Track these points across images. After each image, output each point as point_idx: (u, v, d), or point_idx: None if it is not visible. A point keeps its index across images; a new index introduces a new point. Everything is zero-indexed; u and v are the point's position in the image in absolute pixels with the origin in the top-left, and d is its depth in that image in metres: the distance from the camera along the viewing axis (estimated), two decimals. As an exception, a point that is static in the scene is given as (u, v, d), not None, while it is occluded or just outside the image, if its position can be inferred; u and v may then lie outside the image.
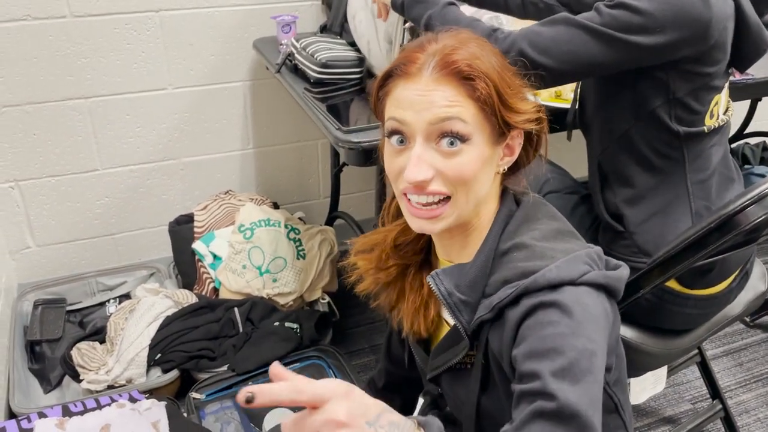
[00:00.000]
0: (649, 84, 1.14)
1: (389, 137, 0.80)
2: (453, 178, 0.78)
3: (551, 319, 0.71)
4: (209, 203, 2.00)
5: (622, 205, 1.24)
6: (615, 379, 0.84)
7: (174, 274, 2.06)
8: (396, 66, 0.80)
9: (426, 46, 0.79)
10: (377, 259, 0.94)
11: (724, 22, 1.10)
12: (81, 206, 2.00)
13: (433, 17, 1.23)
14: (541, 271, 0.74)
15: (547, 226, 0.83)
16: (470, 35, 0.82)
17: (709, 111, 1.18)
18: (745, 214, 1.01)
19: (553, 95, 1.47)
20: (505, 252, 0.81)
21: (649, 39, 1.06)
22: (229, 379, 1.65)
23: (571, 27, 1.09)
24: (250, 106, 2.06)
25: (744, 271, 1.31)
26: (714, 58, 1.12)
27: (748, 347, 2.02)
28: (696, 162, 1.20)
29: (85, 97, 1.87)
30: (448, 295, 0.83)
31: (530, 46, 1.10)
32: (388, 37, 1.46)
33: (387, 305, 0.97)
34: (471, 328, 0.81)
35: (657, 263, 1.12)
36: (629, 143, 1.21)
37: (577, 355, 0.69)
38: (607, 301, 0.77)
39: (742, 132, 2.64)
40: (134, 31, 1.84)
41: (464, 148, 0.77)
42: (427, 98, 0.76)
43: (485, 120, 0.78)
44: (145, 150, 2.00)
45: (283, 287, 1.87)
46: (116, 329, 1.73)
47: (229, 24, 1.92)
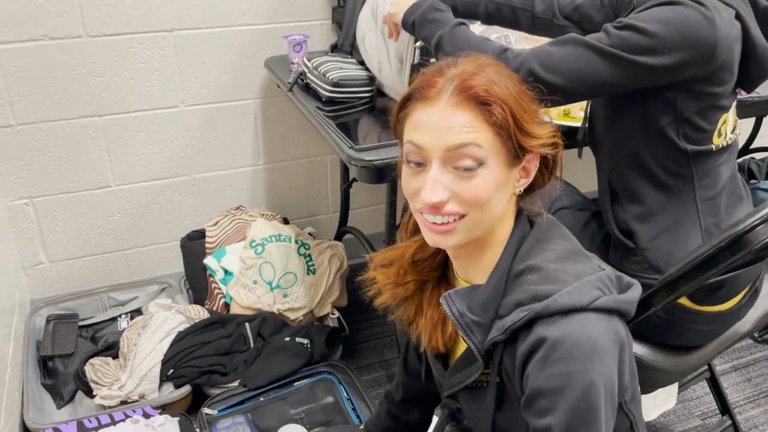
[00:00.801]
0: (657, 103, 1.16)
1: (407, 162, 0.83)
2: (468, 200, 0.80)
3: (558, 357, 0.74)
4: (220, 219, 2.02)
5: (632, 221, 1.26)
6: (630, 397, 0.85)
7: (185, 289, 2.07)
8: (415, 89, 0.82)
9: (445, 70, 0.81)
10: (395, 274, 0.96)
11: (731, 44, 1.12)
12: (94, 222, 2.02)
13: (444, 37, 1.25)
14: (553, 297, 0.76)
15: (559, 247, 0.84)
16: (489, 60, 0.84)
17: (717, 130, 1.20)
18: (755, 234, 1.03)
19: (561, 113, 1.49)
20: (518, 274, 0.83)
21: (657, 60, 1.08)
22: (241, 394, 1.66)
23: (579, 47, 1.12)
24: (261, 122, 2.09)
25: (753, 288, 1.32)
26: (721, 79, 1.14)
27: (756, 362, 2.02)
28: (705, 180, 1.22)
29: (99, 115, 1.89)
30: (460, 316, 0.84)
31: (540, 65, 1.12)
32: (399, 56, 1.48)
33: (405, 320, 0.99)
34: (484, 348, 0.83)
35: (668, 281, 1.14)
36: (638, 160, 1.22)
37: (584, 393, 0.72)
38: (619, 322, 0.79)
39: (748, 147, 2.66)
40: (148, 51, 1.87)
41: (480, 171, 0.79)
42: (445, 123, 0.78)
43: (501, 144, 0.80)
44: (158, 167, 2.02)
45: (294, 302, 1.89)
46: (129, 345, 1.75)
47: (241, 43, 1.95)
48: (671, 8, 1.09)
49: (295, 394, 1.67)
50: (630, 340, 0.84)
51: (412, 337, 0.99)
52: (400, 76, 1.49)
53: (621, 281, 0.87)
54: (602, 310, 0.77)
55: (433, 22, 1.28)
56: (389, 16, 1.41)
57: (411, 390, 1.18)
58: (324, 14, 2.00)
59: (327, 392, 1.68)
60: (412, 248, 0.95)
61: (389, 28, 1.44)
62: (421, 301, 0.96)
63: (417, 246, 0.95)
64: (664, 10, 1.09)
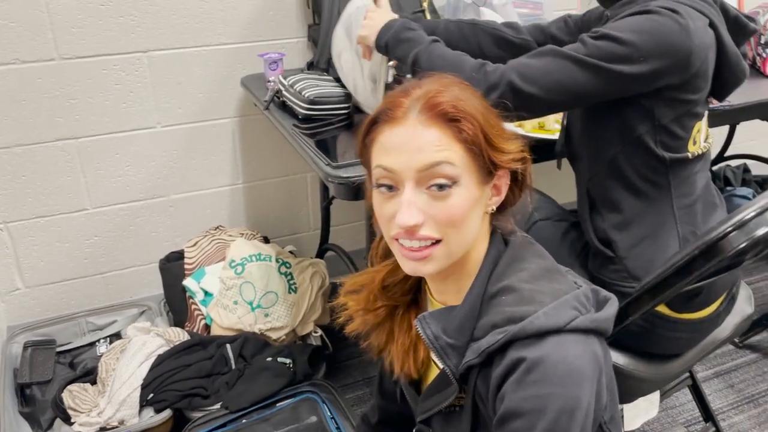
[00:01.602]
0: (634, 111, 1.17)
1: (378, 187, 0.81)
2: (443, 221, 0.79)
3: (533, 379, 0.73)
4: (199, 239, 2.00)
5: (610, 230, 1.26)
6: (610, 417, 0.85)
7: (165, 311, 2.05)
8: (381, 112, 0.81)
9: (410, 91, 0.81)
10: (365, 300, 0.94)
11: (705, 51, 1.14)
12: (70, 246, 2.00)
13: (420, 55, 1.25)
14: (528, 319, 0.75)
15: (535, 266, 0.83)
16: (453, 79, 0.84)
17: (692, 138, 1.21)
18: (728, 240, 1.04)
19: (536, 126, 1.50)
20: (494, 295, 0.82)
21: (634, 68, 1.09)
22: (223, 417, 1.64)
23: (557, 58, 1.13)
24: (239, 141, 2.08)
25: (731, 294, 1.33)
26: (696, 86, 1.16)
27: (738, 368, 2.03)
28: (681, 188, 1.23)
29: (74, 138, 1.88)
30: (435, 338, 0.83)
31: (519, 77, 1.13)
32: (372, 76, 1.49)
33: (376, 347, 0.97)
34: (459, 371, 0.82)
35: (645, 290, 1.14)
36: (616, 169, 1.23)
37: (557, 416, 0.71)
38: (597, 342, 0.79)
39: (723, 155, 2.70)
40: (122, 72, 1.86)
41: (454, 190, 0.78)
42: (415, 143, 0.77)
43: (473, 161, 0.79)
44: (135, 188, 2.00)
45: (275, 322, 1.87)
46: (107, 370, 1.72)
47: (217, 62, 1.95)
48: (646, 17, 1.11)
49: (278, 414, 1.65)
50: (609, 359, 0.84)
51: (386, 365, 0.97)
52: (375, 95, 1.49)
53: (597, 295, 0.87)
54: (579, 331, 0.76)
55: (407, 41, 1.28)
56: (361, 38, 1.41)
57: (387, 412, 1.17)
58: (300, 32, 2.01)
59: (310, 412, 1.66)
60: (381, 273, 0.94)
61: (363, 49, 1.45)
62: (392, 328, 0.95)
63: (387, 270, 0.94)
64: (639, 19, 1.11)
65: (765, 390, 1.94)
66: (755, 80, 1.86)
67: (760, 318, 2.10)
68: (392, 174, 0.78)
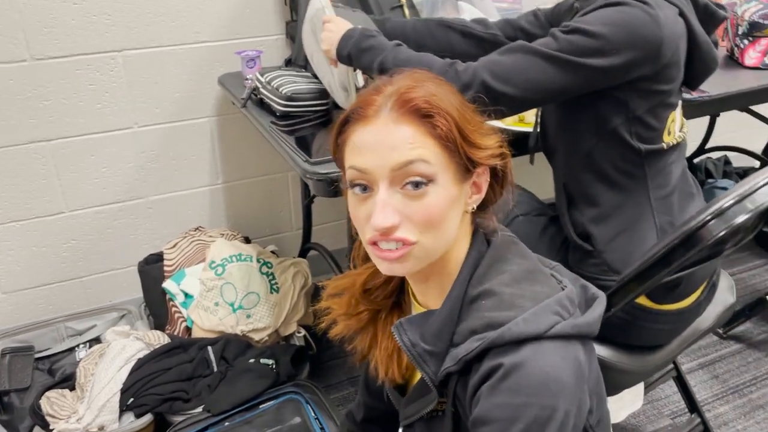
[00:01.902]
0: (608, 104, 1.16)
1: (351, 187, 0.78)
2: (420, 222, 0.76)
3: (507, 387, 0.71)
4: (179, 241, 1.97)
5: (589, 224, 1.26)
6: (597, 420, 0.83)
7: (145, 315, 2.02)
8: (353, 110, 0.78)
9: (382, 88, 0.78)
10: (347, 304, 0.91)
11: (676, 41, 1.14)
12: (47, 250, 1.96)
13: (386, 61, 1.21)
14: (507, 325, 0.73)
15: (517, 268, 0.81)
16: (426, 74, 0.81)
17: (667, 128, 1.21)
18: (708, 229, 1.03)
19: (516, 119, 1.49)
20: (474, 299, 0.79)
21: (605, 61, 1.09)
22: (205, 420, 1.61)
23: (528, 54, 1.12)
24: (218, 141, 2.05)
25: (711, 283, 1.33)
26: (669, 76, 1.16)
27: (722, 359, 2.04)
28: (657, 179, 1.23)
29: (48, 140, 1.84)
30: (412, 346, 0.81)
31: (491, 76, 1.12)
32: (342, 85, 1.46)
33: (360, 352, 0.95)
34: (438, 378, 0.80)
35: (625, 282, 1.14)
36: (592, 163, 1.23)
37: (527, 427, 0.70)
38: (580, 347, 0.76)
39: (704, 147, 2.71)
40: (97, 72, 1.83)
41: (430, 189, 0.75)
42: (388, 141, 0.74)
43: (449, 158, 0.77)
44: (112, 190, 1.97)
45: (258, 323, 1.85)
46: (86, 375, 1.69)
47: (193, 61, 1.92)
48: (616, 9, 1.10)
49: (260, 416, 1.63)
50: (594, 363, 0.82)
51: (370, 369, 0.95)
52: (347, 102, 1.47)
53: (586, 293, 0.85)
54: (559, 337, 0.74)
55: (370, 49, 1.25)
56: (324, 52, 1.37)
57: (373, 410, 1.15)
58: (277, 29, 1.98)
59: (294, 413, 1.64)
60: (363, 276, 0.91)
61: (329, 60, 1.41)
62: (376, 332, 0.92)
63: (368, 274, 0.91)
64: (609, 11, 1.10)
65: (749, 380, 1.95)
66: (733, 71, 1.87)
67: (742, 308, 2.11)
68: (365, 174, 0.76)
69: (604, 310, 0.82)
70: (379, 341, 0.91)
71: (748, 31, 1.86)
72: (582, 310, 0.81)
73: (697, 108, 1.64)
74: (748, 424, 1.80)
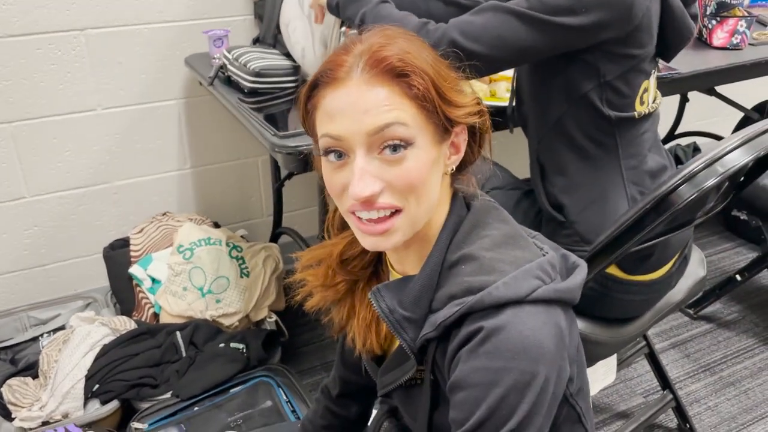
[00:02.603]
0: (579, 68, 1.16)
1: (326, 155, 0.74)
2: (402, 187, 0.72)
3: (486, 350, 0.69)
4: (146, 226, 1.93)
5: (560, 195, 1.25)
6: (577, 389, 0.81)
7: (112, 303, 1.96)
8: (321, 73, 0.73)
9: (351, 47, 0.74)
10: (324, 275, 0.88)
11: (647, 3, 1.13)
12: (8, 237, 1.90)
13: (367, 14, 1.22)
14: (487, 289, 0.71)
15: (497, 233, 0.78)
16: (397, 31, 0.78)
17: (639, 96, 1.20)
18: (678, 194, 1.03)
19: (488, 94, 1.48)
20: (453, 264, 0.77)
21: (575, 20, 1.08)
22: (173, 405, 1.57)
23: (499, 13, 1.11)
24: (186, 124, 2.01)
25: (683, 255, 1.33)
26: (640, 41, 1.15)
27: (693, 338, 2.06)
28: (629, 149, 1.22)
29: (8, 122, 1.78)
30: (390, 312, 0.78)
31: (461, 35, 1.11)
32: (323, 40, 1.45)
33: (338, 324, 0.92)
34: (417, 346, 0.78)
35: (597, 249, 1.13)
36: (563, 131, 1.22)
37: (506, 392, 0.68)
38: (561, 313, 0.74)
39: (673, 133, 2.73)
40: (58, 51, 1.77)
41: (409, 152, 0.72)
42: (361, 104, 0.70)
43: (426, 119, 0.73)
44: (76, 175, 1.92)
45: (228, 307, 1.81)
46: (49, 362, 1.64)
47: (159, 41, 1.88)
48: None
49: (231, 400, 1.60)
50: (575, 330, 0.80)
51: (348, 340, 0.92)
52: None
53: (566, 261, 0.83)
54: (541, 302, 0.72)
55: (356, 1, 1.25)
56: (312, 3, 1.38)
57: (349, 384, 1.13)
58: (245, 9, 1.95)
59: (265, 396, 1.61)
60: (339, 246, 0.88)
61: (315, 12, 1.41)
62: (353, 302, 0.89)
63: (345, 243, 0.88)
64: None
65: (720, 358, 1.97)
66: (702, 51, 1.88)
67: (712, 288, 2.13)
68: (340, 141, 0.72)
69: (584, 278, 0.80)
70: (357, 311, 0.89)
71: (716, 11, 1.88)
72: (563, 277, 0.80)
73: (668, 85, 1.65)
74: (720, 400, 1.81)
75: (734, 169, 1.02)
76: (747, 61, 1.78)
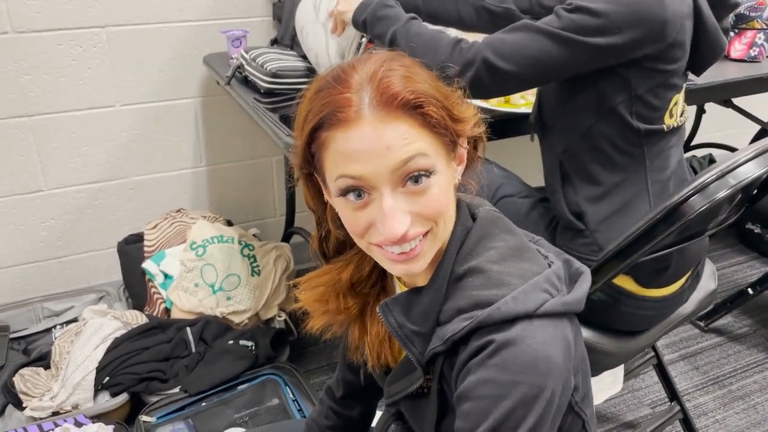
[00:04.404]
0: (610, 81, 1.15)
1: (344, 195, 0.72)
2: (430, 215, 0.72)
3: (495, 363, 0.69)
4: (160, 222, 1.95)
5: (583, 202, 1.24)
6: (582, 396, 0.82)
7: (124, 297, 1.99)
8: (325, 116, 0.70)
9: (347, 81, 0.70)
10: (335, 302, 0.86)
11: (681, 20, 1.12)
12: (25, 229, 1.93)
13: (398, 32, 1.22)
14: (496, 304, 0.71)
15: (504, 244, 0.78)
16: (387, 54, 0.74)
17: (669, 110, 1.19)
18: (689, 204, 1.03)
19: (501, 100, 1.48)
20: (460, 276, 0.76)
21: (607, 40, 1.08)
22: (181, 400, 1.59)
23: (532, 33, 1.11)
24: (202, 122, 2.03)
25: (696, 272, 1.32)
26: (673, 56, 1.14)
27: (703, 351, 2.04)
28: (656, 161, 1.21)
29: (29, 116, 1.81)
30: (399, 327, 0.78)
31: (494, 53, 1.12)
32: (341, 52, 1.45)
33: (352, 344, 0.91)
34: (425, 359, 0.78)
35: (607, 258, 1.13)
36: (591, 141, 1.21)
37: (514, 406, 0.68)
38: (568, 325, 0.74)
39: (689, 144, 2.72)
40: (80, 47, 1.80)
41: (432, 180, 0.71)
42: (382, 142, 0.68)
43: (441, 142, 0.73)
44: (93, 169, 1.94)
45: (238, 305, 1.83)
46: (61, 353, 1.66)
47: (178, 40, 1.90)
48: None
49: (238, 397, 1.61)
50: (580, 339, 0.80)
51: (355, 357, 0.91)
52: None
53: (570, 268, 0.82)
54: (549, 315, 0.71)
55: (385, 19, 1.25)
56: (338, 13, 1.37)
57: (352, 385, 1.13)
58: (264, 11, 1.97)
59: (272, 394, 1.62)
60: (347, 271, 0.85)
61: (334, 23, 1.41)
62: (364, 321, 0.88)
63: (353, 268, 0.86)
64: None
65: (730, 372, 1.95)
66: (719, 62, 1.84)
67: (723, 301, 2.12)
68: (362, 181, 0.70)
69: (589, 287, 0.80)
70: (368, 329, 0.88)
71: (734, 23, 1.87)
72: (567, 284, 0.80)
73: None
74: (728, 414, 1.80)
75: (747, 181, 1.02)
76: (764, 74, 1.77)
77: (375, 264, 0.85)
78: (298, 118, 0.76)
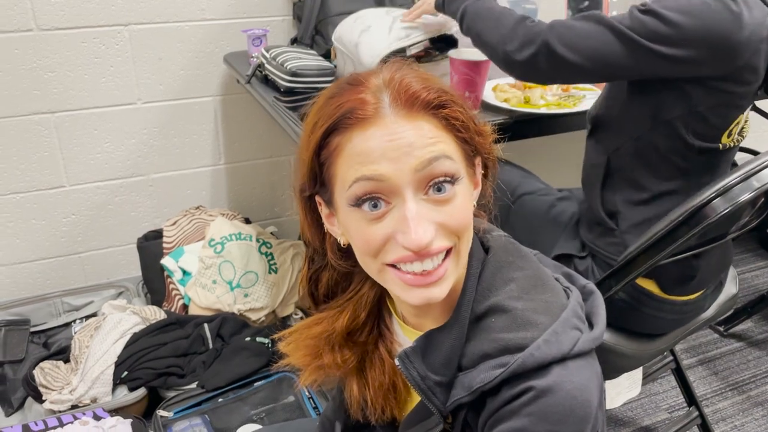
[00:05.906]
0: (671, 93, 1.11)
1: (358, 205, 0.65)
2: (454, 227, 0.65)
3: (532, 412, 0.64)
4: (179, 218, 1.96)
5: (621, 203, 1.22)
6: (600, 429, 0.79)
7: (143, 293, 2.01)
8: (342, 116, 0.64)
9: (364, 82, 0.66)
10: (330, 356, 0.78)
11: (758, 44, 1.06)
12: (46, 224, 1.95)
13: (468, 8, 1.25)
14: (528, 350, 0.65)
15: (522, 274, 0.72)
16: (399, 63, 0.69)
17: (729, 129, 1.15)
18: (712, 206, 1.02)
19: (522, 101, 1.47)
20: (481, 316, 0.70)
21: (671, 50, 1.04)
22: (198, 395, 1.60)
23: (600, 26, 1.09)
24: (222, 120, 2.05)
25: (718, 280, 1.31)
26: (743, 79, 1.09)
27: (722, 356, 2.02)
28: (703, 177, 1.17)
29: (52, 112, 1.84)
30: (422, 379, 0.71)
31: (557, 38, 1.10)
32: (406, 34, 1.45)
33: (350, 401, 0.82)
34: (447, 409, 0.71)
35: (628, 259, 1.12)
36: (641, 147, 1.18)
37: None
38: (596, 360, 0.70)
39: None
40: (102, 45, 1.82)
41: (457, 188, 0.65)
42: (405, 139, 0.62)
43: (463, 151, 0.67)
44: (114, 166, 1.96)
45: (255, 302, 1.84)
46: (81, 347, 1.68)
47: (199, 38, 1.91)
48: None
49: (254, 394, 1.62)
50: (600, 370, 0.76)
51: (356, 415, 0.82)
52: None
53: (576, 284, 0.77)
54: (582, 354, 0.66)
55: None
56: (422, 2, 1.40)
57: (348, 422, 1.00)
58: (284, 10, 1.98)
59: (288, 392, 1.63)
60: (340, 319, 0.77)
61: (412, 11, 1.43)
62: (363, 373, 0.80)
63: (348, 314, 0.78)
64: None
65: (749, 378, 1.93)
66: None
67: (743, 306, 2.10)
68: (381, 183, 0.63)
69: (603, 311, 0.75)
70: (370, 381, 0.80)
71: None
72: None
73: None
74: (747, 420, 1.78)
75: (771, 184, 1.01)
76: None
77: (371, 308, 0.79)
78: (303, 133, 0.69)
